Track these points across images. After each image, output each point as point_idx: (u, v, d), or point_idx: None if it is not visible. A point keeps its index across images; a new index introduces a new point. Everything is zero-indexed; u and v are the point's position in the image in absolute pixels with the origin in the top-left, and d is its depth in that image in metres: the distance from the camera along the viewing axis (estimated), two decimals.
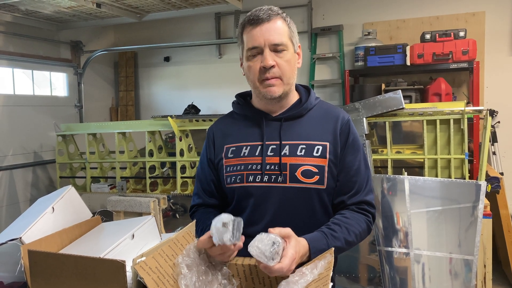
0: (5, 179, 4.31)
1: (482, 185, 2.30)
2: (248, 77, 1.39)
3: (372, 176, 2.56)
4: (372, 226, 1.40)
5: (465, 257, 2.33)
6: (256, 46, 1.32)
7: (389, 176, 2.54)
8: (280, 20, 1.34)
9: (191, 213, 1.53)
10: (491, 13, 4.32)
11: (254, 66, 1.34)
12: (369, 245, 2.82)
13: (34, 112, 4.63)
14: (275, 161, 1.36)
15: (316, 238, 1.24)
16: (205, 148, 1.52)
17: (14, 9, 4.04)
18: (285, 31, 1.34)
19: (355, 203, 1.38)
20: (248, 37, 1.34)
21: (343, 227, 1.30)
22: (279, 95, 1.36)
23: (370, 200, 1.40)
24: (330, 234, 1.27)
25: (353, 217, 1.35)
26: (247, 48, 1.35)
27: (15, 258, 1.30)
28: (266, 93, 1.35)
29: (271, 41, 1.31)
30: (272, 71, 1.33)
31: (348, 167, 1.38)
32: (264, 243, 1.11)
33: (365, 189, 1.40)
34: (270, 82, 1.34)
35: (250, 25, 1.34)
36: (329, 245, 1.24)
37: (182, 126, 3.70)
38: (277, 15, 1.34)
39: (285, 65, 1.34)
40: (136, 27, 5.50)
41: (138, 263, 1.03)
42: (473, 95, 3.99)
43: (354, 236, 1.32)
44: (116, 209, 2.85)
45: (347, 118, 1.42)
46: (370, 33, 4.46)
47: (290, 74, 1.36)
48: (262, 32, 1.32)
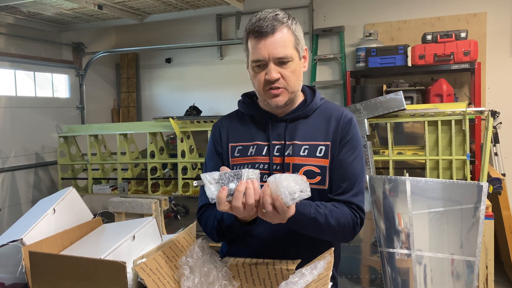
0: (7, 181, 4.32)
1: (484, 186, 2.29)
2: (254, 84, 1.40)
3: (373, 177, 2.57)
4: (358, 228, 1.36)
5: (467, 258, 2.32)
6: (261, 59, 1.33)
7: (390, 177, 2.53)
8: (285, 29, 1.32)
9: (199, 215, 1.48)
10: (492, 14, 4.32)
11: (259, 77, 1.35)
12: (370, 246, 2.82)
13: (36, 114, 4.64)
14: (280, 161, 1.38)
15: (301, 202, 1.21)
16: (212, 143, 1.51)
17: (16, 11, 4.06)
18: (290, 41, 1.33)
19: (343, 201, 1.35)
20: (252, 48, 1.35)
21: (328, 209, 1.30)
22: (284, 103, 1.37)
23: (357, 202, 1.37)
24: (315, 206, 1.27)
25: (341, 208, 1.33)
26: (252, 59, 1.35)
27: (16, 260, 1.30)
28: (271, 103, 1.37)
29: (275, 55, 1.31)
30: (277, 82, 1.34)
31: (340, 164, 1.37)
32: (296, 182, 1.10)
33: (355, 190, 1.37)
34: (275, 92, 1.35)
35: (255, 37, 1.33)
36: (310, 213, 1.24)
37: (183, 127, 3.70)
38: (281, 24, 1.31)
39: (290, 76, 1.34)
40: (138, 29, 5.51)
41: (138, 265, 1.03)
42: (474, 96, 3.98)
43: (336, 221, 1.29)
44: (117, 211, 2.86)
45: (349, 117, 1.42)
46: (372, 34, 4.46)
47: (294, 83, 1.37)
48: (266, 45, 1.31)
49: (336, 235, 1.33)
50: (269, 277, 1.21)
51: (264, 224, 1.37)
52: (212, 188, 1.15)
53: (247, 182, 1.14)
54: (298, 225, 1.24)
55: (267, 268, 1.22)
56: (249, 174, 1.15)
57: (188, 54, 5.55)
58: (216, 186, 1.15)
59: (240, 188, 1.13)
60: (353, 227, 1.35)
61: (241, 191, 1.13)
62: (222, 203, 1.14)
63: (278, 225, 1.35)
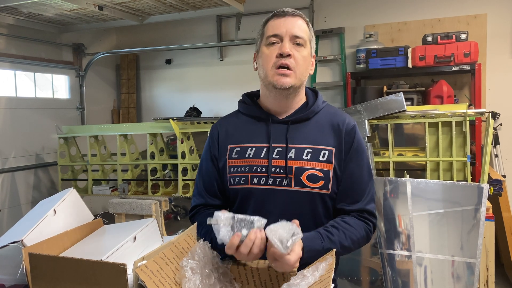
0: (7, 181, 4.31)
1: (484, 188, 2.29)
2: (261, 66, 1.38)
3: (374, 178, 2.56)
4: (371, 235, 1.38)
5: (468, 260, 2.32)
6: (277, 33, 1.34)
7: (391, 179, 2.53)
8: (303, 21, 1.38)
9: (191, 215, 1.49)
10: (493, 15, 4.32)
11: (271, 52, 1.35)
12: (371, 247, 2.82)
13: (36, 115, 4.64)
14: (281, 164, 1.35)
15: (311, 238, 1.23)
16: (208, 145, 1.49)
17: (17, 12, 4.05)
18: (306, 30, 1.38)
19: (356, 210, 1.37)
20: (270, 26, 1.37)
21: (340, 231, 1.29)
22: (289, 86, 1.33)
23: (371, 209, 1.38)
24: (326, 236, 1.26)
25: (352, 223, 1.33)
26: (267, 35, 1.36)
27: (16, 261, 1.30)
28: (277, 82, 1.33)
29: (292, 32, 1.33)
30: (288, 60, 1.33)
31: (350, 174, 1.37)
32: (285, 230, 1.10)
33: (366, 198, 1.38)
34: (283, 71, 1.33)
35: (275, 17, 1.38)
36: (323, 247, 1.23)
37: (183, 128, 3.70)
38: (300, 16, 1.39)
39: (301, 60, 1.34)
40: (138, 30, 5.51)
41: (139, 267, 1.03)
42: (475, 97, 3.98)
43: (351, 241, 1.31)
44: (117, 212, 2.85)
45: (352, 124, 1.41)
46: (372, 35, 4.46)
47: (303, 69, 1.36)
48: (285, 22, 1.35)
49: (351, 251, 1.35)
50: (270, 279, 1.21)
51: None
52: (224, 230, 1.15)
53: (256, 232, 1.15)
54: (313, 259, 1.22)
55: (268, 270, 1.21)
56: (259, 224, 1.16)
57: (188, 55, 5.56)
58: (228, 229, 1.15)
59: (251, 236, 1.14)
60: (367, 237, 1.37)
61: (252, 239, 1.14)
62: (233, 248, 1.15)
63: None
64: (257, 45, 1.42)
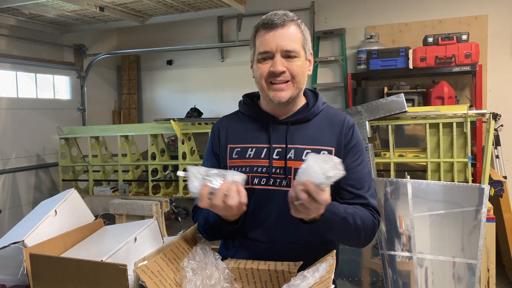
0: (8, 182, 4.32)
1: (485, 189, 2.29)
2: (257, 78, 1.38)
3: (374, 179, 2.56)
4: (376, 230, 1.36)
5: (468, 261, 2.32)
6: (268, 51, 1.31)
7: (391, 180, 2.53)
8: (294, 26, 1.33)
9: (193, 214, 1.49)
10: (493, 16, 4.32)
11: (263, 69, 1.33)
12: (371, 248, 2.81)
13: (37, 115, 4.65)
14: (281, 164, 1.35)
15: (332, 202, 1.20)
16: (211, 142, 1.50)
17: (18, 13, 4.07)
18: (298, 38, 1.33)
19: (360, 204, 1.35)
20: (260, 41, 1.33)
21: (352, 209, 1.27)
22: (287, 99, 1.34)
23: (373, 204, 1.37)
24: (344, 207, 1.25)
25: (360, 209, 1.32)
26: (259, 52, 1.34)
27: (18, 261, 1.30)
28: (273, 97, 1.34)
29: (283, 47, 1.30)
30: (282, 76, 1.32)
31: (348, 171, 1.34)
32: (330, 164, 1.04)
33: (368, 192, 1.37)
34: (279, 86, 1.32)
35: (264, 29, 1.33)
36: (341, 213, 1.21)
37: (184, 129, 3.70)
38: (291, 21, 1.32)
39: (296, 69, 1.32)
40: (139, 31, 5.52)
41: (139, 267, 1.03)
42: (476, 98, 3.98)
43: (361, 222, 1.27)
44: (118, 212, 2.86)
45: (351, 123, 1.41)
46: (373, 36, 4.46)
47: (300, 77, 1.35)
48: (275, 37, 1.30)
49: (360, 237, 1.30)
50: (271, 280, 1.21)
51: (264, 227, 1.37)
52: (195, 182, 1.15)
53: (231, 184, 1.15)
54: (328, 225, 1.20)
55: (269, 270, 1.21)
56: (235, 177, 1.16)
57: (189, 56, 5.56)
58: (200, 181, 1.15)
59: (222, 187, 1.15)
60: (374, 229, 1.33)
61: (223, 190, 1.14)
62: (203, 199, 1.15)
63: (276, 229, 1.35)
64: (251, 55, 1.41)
